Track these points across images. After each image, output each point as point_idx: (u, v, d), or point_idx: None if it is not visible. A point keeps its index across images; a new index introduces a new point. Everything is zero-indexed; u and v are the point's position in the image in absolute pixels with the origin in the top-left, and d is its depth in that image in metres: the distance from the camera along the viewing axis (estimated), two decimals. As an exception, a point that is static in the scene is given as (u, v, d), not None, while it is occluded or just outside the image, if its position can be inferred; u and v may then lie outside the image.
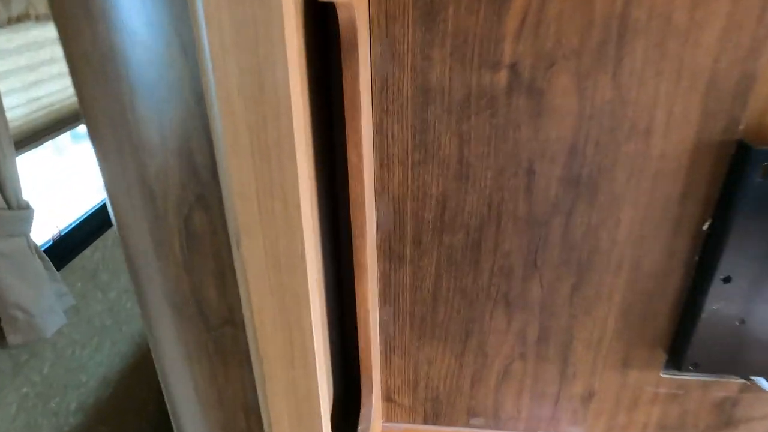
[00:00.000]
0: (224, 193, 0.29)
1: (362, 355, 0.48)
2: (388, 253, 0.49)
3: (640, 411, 0.55)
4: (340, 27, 0.33)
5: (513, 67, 0.39)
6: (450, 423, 0.59)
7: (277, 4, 0.23)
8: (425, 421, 0.60)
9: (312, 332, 0.32)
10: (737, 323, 0.46)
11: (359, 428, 0.49)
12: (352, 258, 0.43)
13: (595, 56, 0.38)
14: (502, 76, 0.40)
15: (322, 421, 0.36)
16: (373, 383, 0.50)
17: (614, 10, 0.37)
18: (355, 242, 0.43)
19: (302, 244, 0.29)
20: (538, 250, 0.47)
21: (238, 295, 0.34)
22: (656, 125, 0.40)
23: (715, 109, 0.39)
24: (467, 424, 0.59)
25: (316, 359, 0.34)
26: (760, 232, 0.41)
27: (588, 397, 0.55)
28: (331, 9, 0.34)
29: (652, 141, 0.41)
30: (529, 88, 0.40)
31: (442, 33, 0.39)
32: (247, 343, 0.36)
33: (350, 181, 0.40)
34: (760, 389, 0.51)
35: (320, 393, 0.35)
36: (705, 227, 0.44)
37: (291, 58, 0.25)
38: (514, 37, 0.38)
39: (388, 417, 0.60)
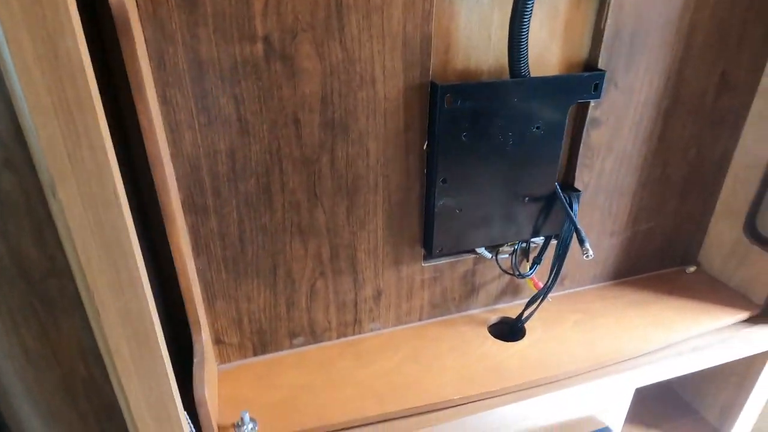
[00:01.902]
0: (33, 150, 0.34)
1: (186, 297, 0.55)
2: (193, 207, 0.57)
3: (415, 297, 0.73)
4: (113, 12, 0.40)
5: (266, 40, 0.51)
6: (277, 349, 0.70)
7: (58, -12, 0.30)
8: (255, 354, 0.69)
9: (135, 257, 0.40)
10: (457, 212, 0.65)
11: (194, 361, 0.56)
12: (163, 217, 0.51)
13: (324, 28, 0.52)
14: (259, 47, 0.51)
15: (158, 338, 0.43)
16: (201, 323, 0.58)
17: (330, -7, 0.51)
18: (162, 198, 0.50)
19: (113, 182, 0.36)
20: (315, 183, 0.60)
21: (58, 245, 0.39)
22: (377, 76, 0.56)
23: (412, 61, 0.57)
24: (291, 346, 0.71)
25: (143, 282, 0.41)
26: (455, 143, 0.61)
27: (377, 296, 0.71)
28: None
29: (377, 88, 0.57)
30: (281, 56, 0.52)
31: (203, 14, 0.48)
32: (74, 290, 0.41)
33: (146, 144, 0.47)
34: (486, 258, 0.73)
35: (153, 314, 0.42)
36: (425, 147, 0.62)
37: (77, 30, 0.32)
38: (262, 16, 0.50)
39: (222, 359, 0.68)
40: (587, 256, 0.65)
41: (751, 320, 0.78)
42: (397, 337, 0.73)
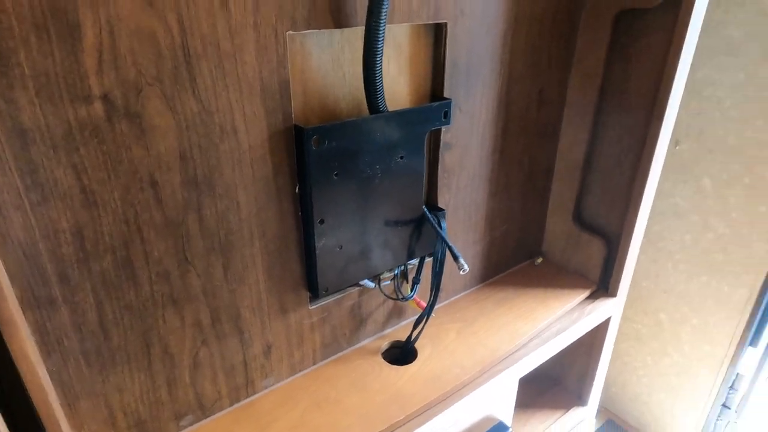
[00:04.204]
0: None
1: (41, 413, 0.46)
2: (34, 302, 0.47)
3: (306, 342, 0.71)
4: None
5: (105, 98, 0.44)
6: (161, 437, 0.61)
7: None
8: (136, 449, 0.60)
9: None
10: (338, 249, 0.65)
11: (65, 485, 0.46)
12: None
13: (173, 79, 0.47)
14: (98, 107, 0.44)
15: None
16: (65, 436, 0.48)
17: (175, 42, 0.46)
18: (-8, 300, 0.40)
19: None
20: (184, 246, 0.54)
21: None
22: (238, 125, 0.53)
23: (273, 106, 0.55)
24: (179, 429, 0.63)
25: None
26: (328, 183, 0.60)
27: (267, 350, 0.67)
28: None
29: (240, 137, 0.54)
30: (126, 114, 0.46)
31: (20, 76, 0.40)
32: None
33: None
34: (370, 288, 0.74)
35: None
36: (297, 190, 0.60)
37: None
38: (97, 72, 0.43)
39: (95, 467, 0.57)
40: (463, 271, 0.69)
41: (591, 296, 0.92)
42: (293, 387, 0.70)
